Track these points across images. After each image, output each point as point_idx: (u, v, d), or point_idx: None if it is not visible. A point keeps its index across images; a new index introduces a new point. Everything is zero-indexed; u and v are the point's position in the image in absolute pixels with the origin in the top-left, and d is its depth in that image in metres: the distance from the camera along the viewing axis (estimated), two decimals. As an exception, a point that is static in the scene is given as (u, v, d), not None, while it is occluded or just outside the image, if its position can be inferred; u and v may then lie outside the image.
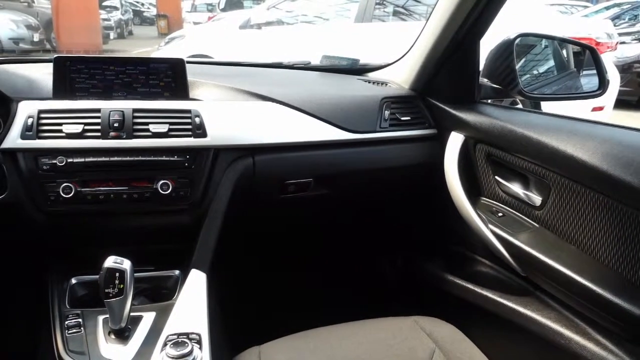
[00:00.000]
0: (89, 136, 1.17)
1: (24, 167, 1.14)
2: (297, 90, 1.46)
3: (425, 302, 1.69)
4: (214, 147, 1.25)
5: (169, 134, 1.21)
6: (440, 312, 1.31)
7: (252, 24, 5.10)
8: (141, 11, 20.83)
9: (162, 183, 1.20)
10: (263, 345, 1.12)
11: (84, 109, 1.19)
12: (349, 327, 1.22)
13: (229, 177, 1.27)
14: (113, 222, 1.26)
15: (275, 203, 1.42)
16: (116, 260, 1.03)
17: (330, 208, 1.59)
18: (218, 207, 1.25)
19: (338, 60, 1.79)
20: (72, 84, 1.25)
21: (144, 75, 1.29)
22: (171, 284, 1.28)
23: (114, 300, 1.02)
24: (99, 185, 1.18)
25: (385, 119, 1.46)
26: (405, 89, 1.58)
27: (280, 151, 1.34)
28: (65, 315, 1.12)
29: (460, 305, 1.47)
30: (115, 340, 1.06)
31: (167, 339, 0.96)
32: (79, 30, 8.72)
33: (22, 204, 1.16)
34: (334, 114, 1.39)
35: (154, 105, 1.25)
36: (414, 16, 4.92)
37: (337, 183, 1.46)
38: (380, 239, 1.91)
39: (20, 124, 1.15)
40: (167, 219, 1.28)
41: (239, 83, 1.42)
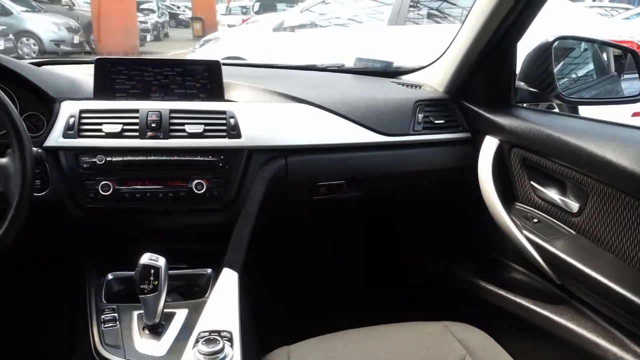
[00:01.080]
0: (127, 136, 1.20)
1: (65, 165, 1.18)
2: (331, 92, 1.46)
3: (456, 307, 1.67)
4: (248, 148, 1.26)
5: (204, 135, 1.23)
6: (471, 318, 1.29)
7: (286, 27, 5.13)
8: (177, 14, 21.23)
9: (196, 183, 1.23)
10: (292, 345, 1.12)
11: (123, 109, 1.23)
12: (378, 330, 1.22)
13: (262, 177, 1.28)
14: (148, 220, 1.29)
15: (307, 204, 1.42)
16: (151, 257, 1.05)
17: (362, 210, 1.58)
18: (251, 207, 1.27)
19: (371, 62, 1.79)
20: (112, 85, 1.28)
21: (181, 76, 1.32)
22: (203, 282, 1.30)
23: (149, 296, 1.04)
24: (136, 183, 1.21)
25: (419, 122, 1.45)
26: (440, 92, 1.57)
27: (313, 153, 1.35)
28: (102, 310, 1.15)
29: (492, 312, 1.44)
30: (149, 335, 1.09)
31: (199, 335, 0.98)
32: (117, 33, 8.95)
33: (63, 200, 1.20)
34: (367, 117, 1.39)
35: (190, 106, 1.27)
36: (448, 19, 4.86)
37: (369, 185, 1.46)
38: (410, 242, 1.90)
39: (63, 123, 1.19)
40: (200, 218, 1.30)
41: (272, 85, 1.43)
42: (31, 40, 9.69)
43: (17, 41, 9.28)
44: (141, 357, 1.04)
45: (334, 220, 1.64)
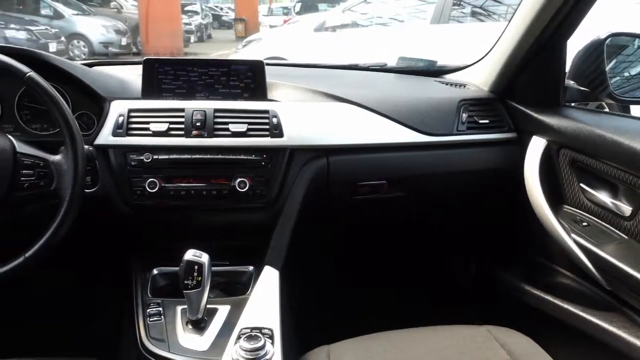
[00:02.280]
0: (173, 134, 1.23)
1: (114, 162, 1.22)
2: (373, 92, 1.46)
3: (499, 311, 1.63)
4: (290, 147, 1.27)
5: (247, 134, 1.25)
6: (515, 322, 1.25)
7: (327, 27, 5.14)
8: (220, 15, 21.56)
9: (239, 181, 1.24)
10: (332, 344, 1.12)
11: (169, 109, 1.26)
12: (419, 332, 1.20)
13: (304, 177, 1.29)
14: (192, 217, 1.31)
15: (348, 204, 1.42)
16: (195, 253, 1.07)
17: (403, 211, 1.57)
18: (292, 206, 1.28)
19: (414, 61, 1.77)
20: (159, 85, 1.31)
21: (225, 76, 1.34)
22: (245, 279, 1.32)
23: (192, 292, 1.06)
24: (181, 181, 1.24)
25: (463, 122, 1.43)
26: (485, 91, 1.54)
27: (355, 152, 1.35)
28: (147, 304, 1.18)
29: (537, 317, 1.40)
30: (192, 330, 1.11)
31: (240, 332, 0.99)
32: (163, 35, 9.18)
33: (111, 197, 1.23)
34: (410, 116, 1.38)
35: (233, 105, 1.29)
36: (492, 17, 4.76)
37: (411, 186, 1.44)
38: (453, 244, 1.87)
39: (112, 122, 1.22)
40: (243, 216, 1.32)
41: (315, 84, 1.44)
42: (81, 43, 10.05)
43: (68, 43, 9.64)
44: (184, 351, 1.06)
45: (375, 220, 1.63)
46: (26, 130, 1.26)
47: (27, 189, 1.00)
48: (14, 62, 1.02)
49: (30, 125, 1.27)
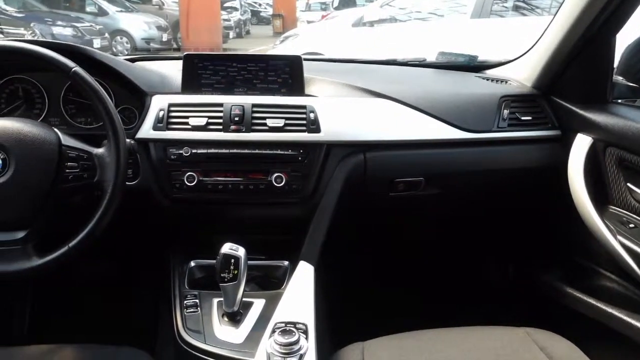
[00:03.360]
0: (212, 129, 1.24)
1: (154, 156, 1.24)
2: (411, 87, 1.44)
3: (538, 313, 1.59)
4: (327, 142, 1.27)
5: (284, 129, 1.25)
6: (555, 326, 1.22)
7: (365, 22, 5.11)
8: (258, 11, 21.72)
9: (276, 176, 1.25)
10: (366, 341, 1.12)
11: (208, 103, 1.27)
12: (455, 331, 1.18)
13: (340, 172, 1.28)
14: (229, 211, 1.33)
15: (385, 201, 1.41)
16: (232, 247, 1.08)
17: (441, 209, 1.55)
18: (328, 201, 1.27)
19: (455, 57, 1.73)
20: (198, 80, 1.33)
21: (263, 71, 1.34)
22: (280, 273, 1.33)
23: (229, 285, 1.08)
24: (219, 175, 1.25)
25: (504, 119, 1.39)
26: (528, 87, 1.50)
27: (392, 149, 1.33)
28: (185, 295, 1.21)
29: (579, 321, 1.36)
30: (227, 322, 1.12)
31: (275, 326, 0.99)
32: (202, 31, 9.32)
33: (151, 190, 1.26)
34: (449, 112, 1.35)
35: (271, 100, 1.30)
36: (536, 11, 4.65)
37: (449, 183, 1.42)
38: (491, 243, 1.83)
39: (153, 116, 1.25)
40: (279, 211, 1.33)
41: (352, 80, 1.43)
42: (124, 39, 10.30)
43: (112, 39, 9.89)
44: (220, 343, 1.07)
45: (411, 217, 1.62)
46: (71, 123, 1.30)
47: (71, 180, 1.03)
48: (60, 57, 1.05)
49: (75, 119, 1.31)
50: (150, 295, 1.64)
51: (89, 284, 1.80)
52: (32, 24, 7.88)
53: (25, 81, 1.29)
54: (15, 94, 1.29)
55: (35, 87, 1.29)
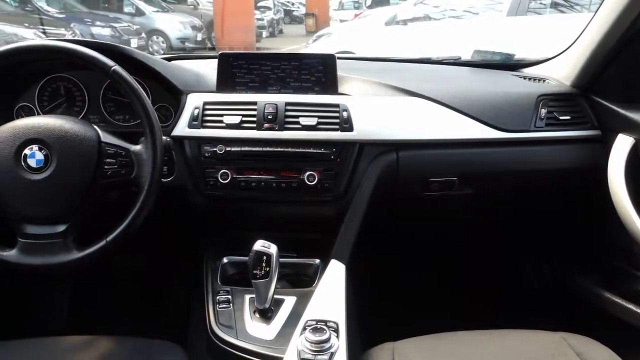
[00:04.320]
0: (245, 127, 1.25)
1: (189, 153, 1.26)
2: (446, 86, 1.42)
3: (574, 317, 1.55)
4: (360, 141, 1.26)
5: (317, 127, 1.25)
6: (592, 331, 1.18)
7: (398, 20, 5.07)
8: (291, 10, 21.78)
9: (308, 174, 1.25)
10: (397, 342, 1.11)
11: (242, 102, 1.29)
12: (488, 334, 1.16)
13: (373, 171, 1.28)
14: (262, 208, 1.34)
15: (417, 200, 1.39)
16: (264, 244, 1.09)
17: (475, 209, 1.52)
18: (360, 200, 1.27)
19: (490, 55, 1.70)
20: (233, 78, 1.35)
21: (297, 70, 1.35)
22: (311, 271, 1.33)
23: (261, 282, 1.09)
24: (252, 173, 1.26)
25: (542, 118, 1.36)
26: (566, 86, 1.46)
27: (425, 148, 1.32)
28: (217, 291, 1.22)
29: (618, 326, 1.32)
30: (259, 319, 1.14)
31: (306, 323, 0.99)
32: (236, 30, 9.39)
33: (186, 186, 1.28)
34: (485, 111, 1.33)
35: (304, 99, 1.30)
36: (575, 8, 4.53)
37: (483, 183, 1.40)
38: (525, 245, 1.80)
39: (188, 114, 1.27)
40: (311, 209, 1.33)
41: (386, 78, 1.42)
42: (160, 38, 10.49)
43: (148, 39, 10.09)
44: (251, 339, 1.08)
45: (444, 217, 1.60)
46: (110, 121, 1.34)
47: (109, 176, 1.06)
48: (100, 56, 1.07)
49: (113, 116, 1.34)
50: (184, 290, 1.67)
51: (124, 278, 1.85)
52: (72, 25, 8.10)
53: (67, 80, 1.33)
54: (57, 92, 1.33)
55: (76, 86, 1.33)
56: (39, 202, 1.03)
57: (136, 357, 1.07)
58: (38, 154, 1.02)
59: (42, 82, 1.32)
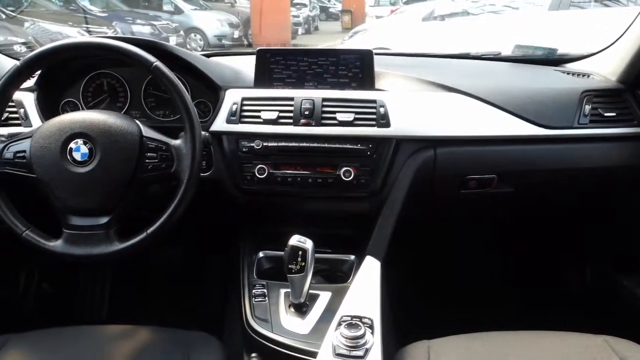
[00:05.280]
0: (282, 122, 1.26)
1: (227, 148, 1.28)
2: (486, 82, 1.39)
3: (617, 320, 1.50)
4: (396, 137, 1.25)
5: (354, 123, 1.25)
6: (636, 335, 1.14)
7: (436, 16, 5.01)
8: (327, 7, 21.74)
9: (344, 170, 1.25)
10: (433, 340, 1.10)
11: (279, 97, 1.29)
12: (526, 335, 1.14)
13: (410, 168, 1.26)
14: (297, 203, 1.35)
15: (454, 198, 1.38)
16: (300, 239, 1.10)
17: (513, 207, 1.49)
18: (397, 197, 1.26)
19: (532, 50, 1.66)
20: (270, 74, 1.35)
21: (334, 66, 1.35)
22: (346, 267, 1.33)
23: (296, 276, 1.09)
24: (288, 168, 1.27)
25: (585, 115, 1.32)
26: (612, 82, 1.41)
27: (464, 144, 1.30)
28: (253, 285, 1.24)
29: None
30: (294, 313, 1.14)
31: (341, 319, 1.00)
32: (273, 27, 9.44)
33: (224, 181, 1.30)
34: (526, 107, 1.30)
35: (341, 94, 1.30)
36: (620, 2, 4.38)
37: (523, 181, 1.36)
38: (566, 246, 1.75)
39: (227, 110, 1.28)
40: (346, 205, 1.33)
41: (424, 74, 1.40)
42: (198, 36, 10.64)
43: (186, 37, 10.26)
44: (286, 333, 1.09)
45: (481, 216, 1.57)
46: (150, 116, 1.37)
47: (150, 170, 1.09)
48: (142, 52, 1.10)
49: (154, 111, 1.37)
50: (220, 283, 1.70)
51: (162, 270, 1.89)
52: (114, 23, 8.30)
53: (110, 76, 1.37)
54: (100, 88, 1.37)
55: (118, 82, 1.37)
56: (83, 195, 1.06)
57: (174, 348, 1.09)
58: (83, 147, 1.06)
59: (87, 79, 1.37)
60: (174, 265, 1.92)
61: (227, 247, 1.51)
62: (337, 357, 0.92)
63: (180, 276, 1.90)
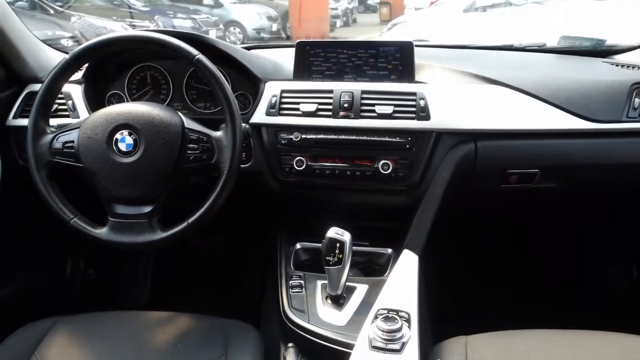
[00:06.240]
0: (321, 115, 1.26)
1: (266, 140, 1.29)
2: (529, 74, 1.36)
3: None
4: (436, 130, 1.24)
5: (393, 116, 1.24)
6: None
7: (477, 7, 4.90)
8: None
9: (382, 163, 1.24)
10: (470, 336, 1.09)
11: (319, 90, 1.29)
12: (567, 334, 1.11)
13: (449, 161, 1.25)
14: (335, 196, 1.35)
15: (495, 192, 1.35)
16: (337, 231, 1.10)
17: (555, 203, 1.45)
18: (435, 191, 1.25)
19: (579, 41, 1.60)
20: (309, 66, 1.36)
21: (373, 58, 1.34)
22: (383, 261, 1.33)
23: (333, 268, 1.10)
24: (326, 160, 1.27)
25: (635, 108, 1.27)
26: None
27: (506, 138, 1.27)
28: (290, 276, 1.25)
29: None
30: (331, 305, 1.15)
31: (378, 312, 0.99)
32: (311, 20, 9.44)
33: (263, 172, 1.31)
34: (571, 100, 1.26)
35: (380, 87, 1.29)
36: (674, -10, 4.16)
37: (567, 177, 1.33)
38: (611, 244, 1.69)
39: (266, 102, 1.29)
40: (384, 198, 1.33)
41: (465, 66, 1.38)
42: (237, 29, 10.74)
43: (226, 30, 10.37)
44: (323, 324, 1.10)
45: (523, 211, 1.54)
46: (192, 108, 1.39)
47: (192, 161, 1.11)
48: (185, 45, 1.12)
49: (195, 104, 1.39)
50: (257, 273, 1.72)
51: (202, 259, 1.93)
52: (156, 17, 8.46)
53: (153, 69, 1.40)
54: (144, 80, 1.41)
55: (161, 74, 1.40)
56: (127, 184, 1.09)
57: (213, 335, 1.12)
58: (128, 138, 1.09)
59: (131, 71, 1.40)
60: (213, 255, 1.96)
61: (264, 238, 1.53)
62: (373, 349, 0.92)
63: (219, 266, 1.94)
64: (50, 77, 1.12)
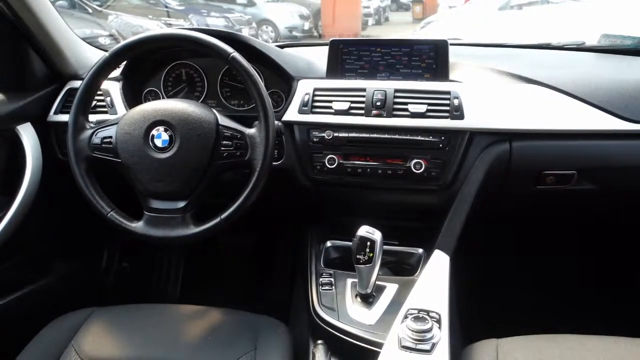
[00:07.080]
0: (353, 113, 1.26)
1: (298, 138, 1.30)
2: (567, 73, 1.32)
3: None
4: (470, 129, 1.22)
5: (426, 115, 1.23)
6: None
7: (513, 5, 4.81)
8: (398, -3, 21.41)
9: (415, 162, 1.24)
10: (502, 339, 1.07)
11: (352, 88, 1.29)
12: (602, 340, 1.08)
13: (483, 161, 1.23)
14: (366, 195, 1.35)
15: (529, 194, 1.32)
16: (368, 230, 1.10)
17: (593, 206, 1.41)
18: (468, 191, 1.23)
19: (620, 39, 1.56)
20: (342, 65, 1.36)
21: (407, 56, 1.33)
22: (414, 260, 1.32)
23: (364, 267, 1.10)
24: (358, 159, 1.27)
25: None
26: None
27: (542, 138, 1.24)
28: (320, 273, 1.26)
29: None
30: (360, 303, 1.15)
31: (407, 312, 0.98)
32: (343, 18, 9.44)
33: (294, 170, 1.32)
34: (612, 100, 1.22)
35: (414, 85, 1.28)
36: None
37: (605, 179, 1.29)
38: None
39: (299, 100, 1.30)
40: (416, 198, 1.32)
41: (501, 65, 1.35)
42: (269, 28, 10.81)
43: (258, 28, 10.44)
44: (352, 322, 1.10)
45: (558, 214, 1.50)
46: (226, 105, 1.41)
47: (225, 157, 1.12)
48: (220, 43, 1.13)
49: (229, 101, 1.41)
50: (287, 270, 1.73)
51: (233, 255, 1.95)
52: (190, 16, 8.60)
53: (189, 66, 1.42)
54: (179, 78, 1.43)
55: (196, 72, 1.42)
56: (163, 179, 1.11)
57: (243, 330, 1.13)
58: (164, 134, 1.11)
59: (167, 69, 1.43)
60: (245, 251, 1.98)
61: (295, 235, 1.54)
62: (402, 349, 0.91)
63: (250, 262, 1.96)
64: (90, 74, 1.15)
